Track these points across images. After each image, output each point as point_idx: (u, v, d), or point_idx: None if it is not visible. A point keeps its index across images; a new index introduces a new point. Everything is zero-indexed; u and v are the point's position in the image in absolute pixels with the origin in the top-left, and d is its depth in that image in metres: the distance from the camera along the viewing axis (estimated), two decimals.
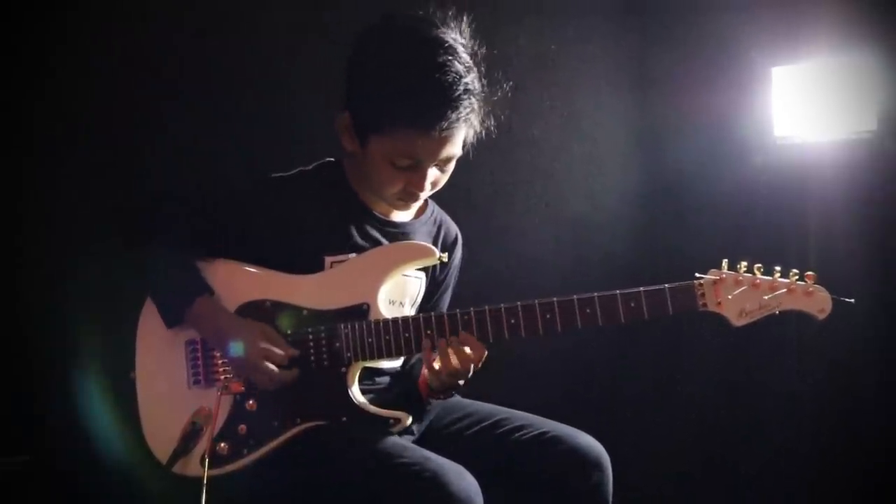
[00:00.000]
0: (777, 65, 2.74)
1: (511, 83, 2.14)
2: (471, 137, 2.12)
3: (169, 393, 2.15)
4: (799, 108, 2.72)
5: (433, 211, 2.32)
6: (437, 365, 2.06)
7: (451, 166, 2.13)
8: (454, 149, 2.08)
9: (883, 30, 2.66)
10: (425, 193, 2.14)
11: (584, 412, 2.31)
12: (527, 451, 2.12)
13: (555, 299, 2.02)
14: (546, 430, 2.12)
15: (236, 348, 2.07)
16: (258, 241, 2.15)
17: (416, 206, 2.22)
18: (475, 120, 2.08)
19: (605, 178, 3.03)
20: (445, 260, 2.20)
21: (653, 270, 2.04)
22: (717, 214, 2.84)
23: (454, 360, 2.04)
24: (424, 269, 2.26)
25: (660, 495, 2.91)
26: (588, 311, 2.01)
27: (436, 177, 2.12)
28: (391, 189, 2.12)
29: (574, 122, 3.03)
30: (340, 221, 2.17)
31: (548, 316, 2.02)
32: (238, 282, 2.16)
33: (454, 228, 2.36)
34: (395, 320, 2.08)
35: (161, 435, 2.12)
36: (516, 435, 2.14)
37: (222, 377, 2.13)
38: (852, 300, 1.96)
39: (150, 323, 2.18)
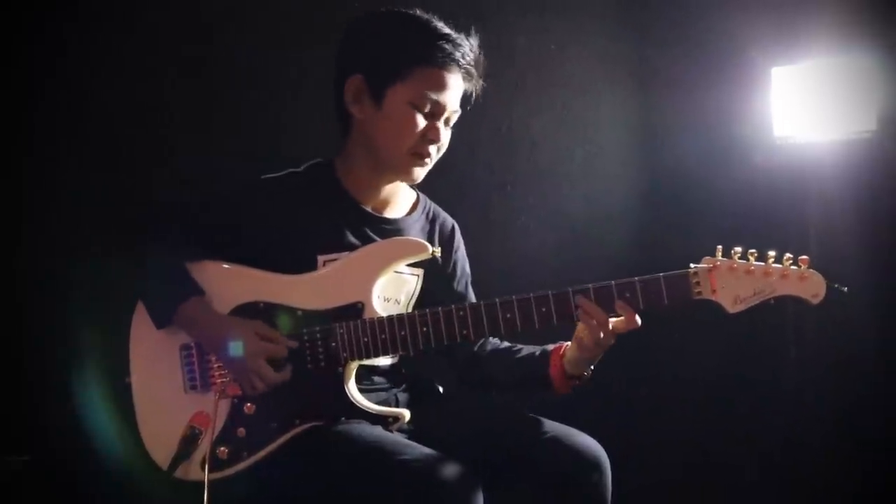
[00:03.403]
0: (777, 65, 2.75)
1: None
2: (476, 90, 2.19)
3: (166, 398, 2.13)
4: (798, 108, 2.73)
5: (425, 206, 2.33)
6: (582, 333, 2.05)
7: (449, 131, 2.19)
8: (458, 100, 2.16)
9: (882, 30, 2.67)
10: (435, 153, 2.17)
11: (583, 411, 2.30)
12: (525, 451, 2.10)
13: (550, 292, 2.02)
14: (545, 430, 2.11)
15: (232, 349, 2.05)
16: (250, 243, 2.15)
17: (422, 172, 2.20)
18: (475, 77, 2.17)
19: (605, 177, 3.04)
20: (438, 255, 2.20)
21: (652, 269, 2.03)
22: (717, 213, 2.84)
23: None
24: (421, 267, 2.25)
25: (659, 496, 2.91)
26: None
27: (444, 134, 2.17)
28: (410, 141, 2.13)
29: (573, 122, 3.04)
30: (333, 220, 2.17)
31: (543, 309, 2.02)
32: (230, 284, 2.14)
33: (450, 220, 2.37)
34: (390, 318, 2.08)
35: (160, 440, 2.10)
36: (515, 434, 2.14)
37: (219, 381, 2.12)
38: (845, 288, 1.94)
39: (143, 328, 2.16)
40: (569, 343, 2.13)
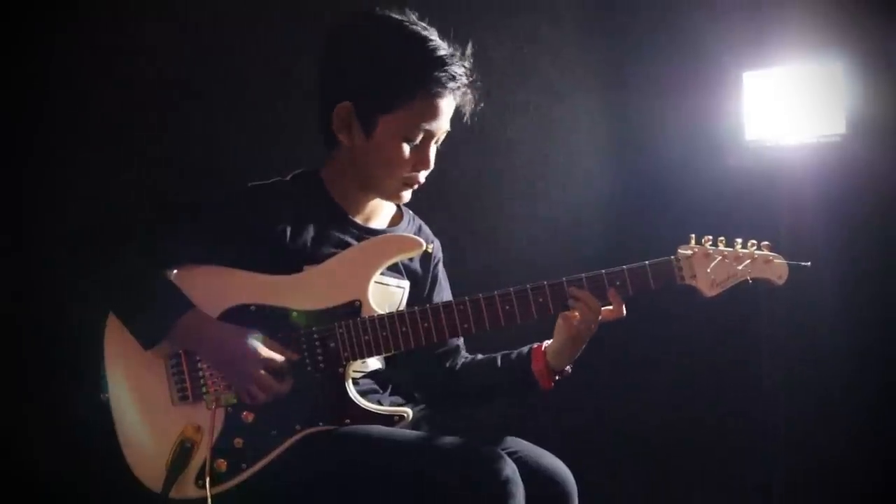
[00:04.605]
0: (748, 70, 2.79)
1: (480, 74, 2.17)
2: (470, 106, 2.17)
3: (151, 414, 2.04)
4: (769, 112, 2.78)
5: (410, 220, 2.32)
6: (575, 321, 2.06)
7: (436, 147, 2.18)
8: (449, 121, 2.14)
9: (851, 36, 2.73)
10: (425, 175, 2.16)
11: (549, 431, 2.33)
12: None
13: (545, 283, 2.06)
14: (514, 450, 2.08)
15: (231, 358, 2.01)
16: (237, 250, 2.10)
17: (409, 194, 2.19)
18: (469, 94, 2.14)
19: (580, 179, 3.07)
20: (431, 250, 2.22)
21: None
22: (690, 215, 2.85)
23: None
24: (409, 277, 2.24)
25: None
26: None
27: (433, 157, 2.15)
28: (401, 172, 2.11)
29: (548, 125, 3.06)
30: (320, 230, 2.14)
31: (540, 300, 2.06)
32: (219, 286, 2.08)
33: (432, 236, 2.36)
34: (390, 315, 2.06)
35: (148, 461, 2.02)
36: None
37: (212, 389, 2.06)
38: (808, 263, 2.08)
39: (118, 341, 2.06)
40: (548, 341, 2.16)
